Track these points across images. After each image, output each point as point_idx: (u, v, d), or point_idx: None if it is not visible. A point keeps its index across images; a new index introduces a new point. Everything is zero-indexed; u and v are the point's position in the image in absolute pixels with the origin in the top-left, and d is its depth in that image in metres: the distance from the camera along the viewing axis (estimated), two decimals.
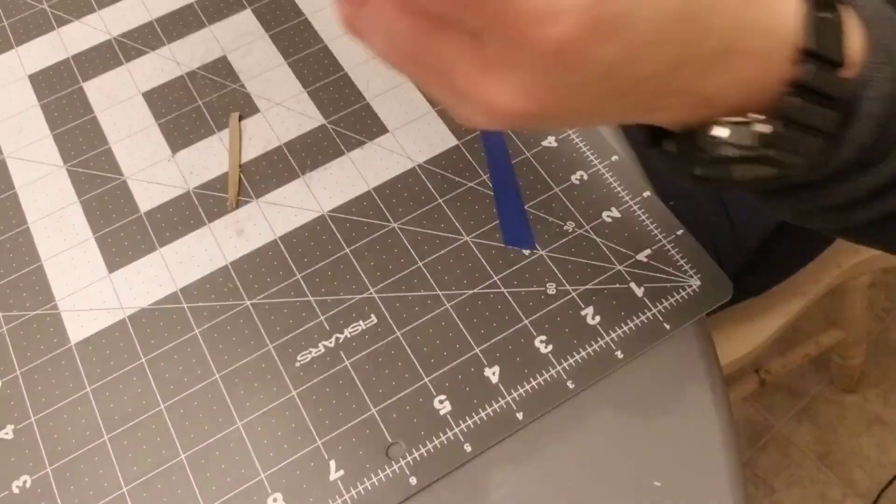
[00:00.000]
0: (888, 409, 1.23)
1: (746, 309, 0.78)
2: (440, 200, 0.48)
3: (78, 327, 0.46)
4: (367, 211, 0.48)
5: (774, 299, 0.78)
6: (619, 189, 0.48)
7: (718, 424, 0.41)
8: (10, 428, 0.43)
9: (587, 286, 0.45)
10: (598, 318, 0.44)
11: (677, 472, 0.40)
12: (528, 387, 0.42)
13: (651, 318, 0.43)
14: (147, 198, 0.50)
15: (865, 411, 1.23)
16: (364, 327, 0.44)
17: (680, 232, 0.46)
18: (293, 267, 0.47)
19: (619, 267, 0.45)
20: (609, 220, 0.47)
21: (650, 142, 0.32)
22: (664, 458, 0.40)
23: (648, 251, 0.46)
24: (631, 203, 0.47)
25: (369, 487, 0.40)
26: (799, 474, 1.20)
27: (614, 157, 0.49)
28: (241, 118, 0.52)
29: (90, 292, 0.47)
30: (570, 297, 0.44)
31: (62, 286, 0.47)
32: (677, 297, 0.44)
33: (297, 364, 0.43)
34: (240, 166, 0.50)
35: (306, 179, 0.50)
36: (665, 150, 0.31)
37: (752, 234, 0.63)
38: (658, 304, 0.44)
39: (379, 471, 0.40)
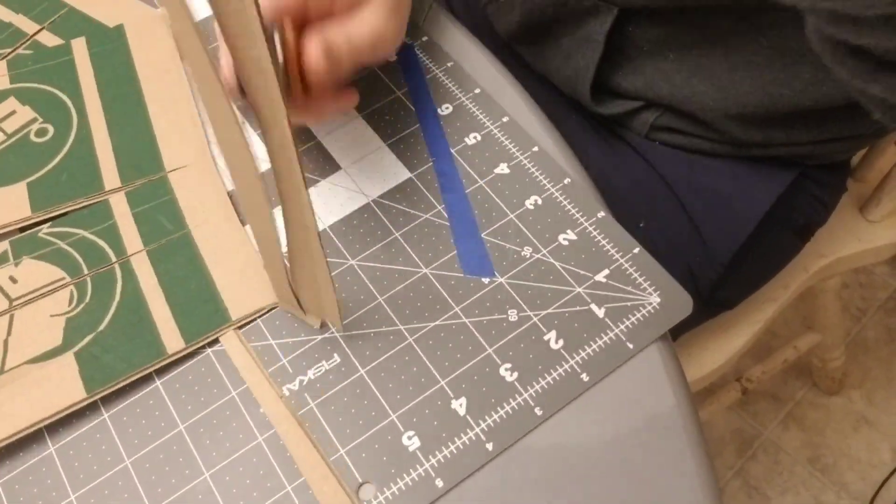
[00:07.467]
0: (873, 408, 1.24)
1: (719, 319, 0.78)
2: (396, 234, 0.48)
3: None
4: (324, 249, 0.48)
5: (746, 307, 0.78)
6: (573, 211, 0.48)
7: (688, 443, 0.41)
8: None
9: (548, 310, 0.45)
10: (561, 342, 0.44)
11: (650, 493, 0.40)
12: (496, 416, 0.42)
13: (614, 338, 0.43)
14: None
15: (851, 412, 1.24)
16: (327, 367, 0.44)
17: (636, 250, 0.46)
18: None
19: (579, 289, 0.45)
20: (566, 242, 0.47)
21: None
22: (636, 481, 0.40)
23: (606, 271, 0.46)
24: (586, 224, 0.47)
25: None
26: (791, 480, 1.19)
27: (567, 181, 0.49)
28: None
29: None
30: (531, 322, 0.44)
31: None
32: (638, 315, 0.44)
33: (262, 409, 0.43)
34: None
35: None
36: None
37: (724, 248, 0.64)
38: (620, 323, 0.44)
39: None
